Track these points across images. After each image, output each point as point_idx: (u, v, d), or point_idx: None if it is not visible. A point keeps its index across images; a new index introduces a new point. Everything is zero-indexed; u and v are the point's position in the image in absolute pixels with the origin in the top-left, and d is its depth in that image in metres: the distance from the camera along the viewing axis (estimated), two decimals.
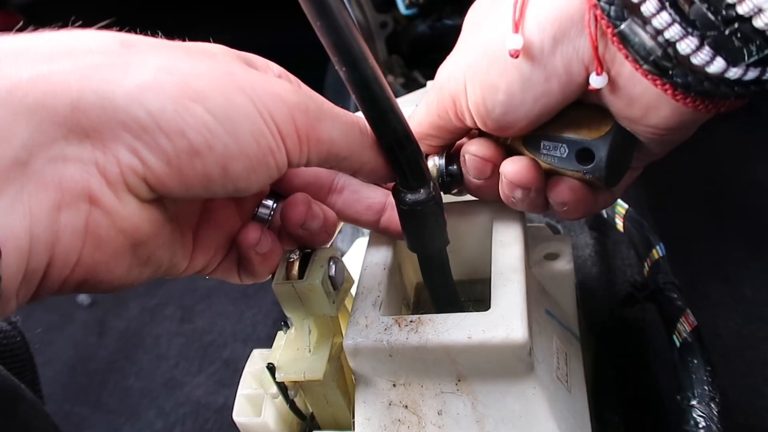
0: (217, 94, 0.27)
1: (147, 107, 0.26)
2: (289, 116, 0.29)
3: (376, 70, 0.29)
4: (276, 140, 0.29)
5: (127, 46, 0.27)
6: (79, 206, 0.26)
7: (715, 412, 0.40)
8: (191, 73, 0.27)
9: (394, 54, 0.94)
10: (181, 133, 0.26)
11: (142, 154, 0.26)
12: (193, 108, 0.26)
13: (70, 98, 0.25)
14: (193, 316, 1.13)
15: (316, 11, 0.27)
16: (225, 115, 0.27)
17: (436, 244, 0.37)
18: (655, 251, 0.51)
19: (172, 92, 0.26)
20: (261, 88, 0.28)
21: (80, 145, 0.25)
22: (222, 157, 0.27)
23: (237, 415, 0.43)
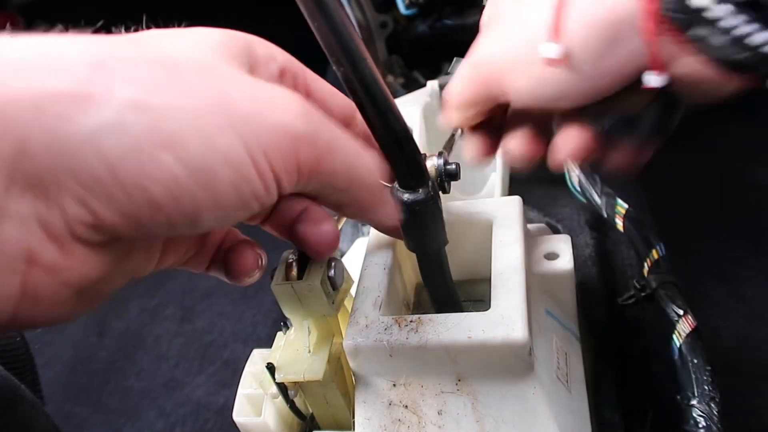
0: (195, 137, 0.23)
1: (103, 155, 0.21)
2: (291, 151, 0.25)
3: (374, 70, 0.29)
4: (265, 182, 0.25)
5: (96, 66, 0.22)
6: (15, 268, 0.22)
7: (715, 412, 0.40)
8: (168, 108, 0.23)
9: (394, 54, 0.94)
10: (141, 187, 0.22)
11: (92, 206, 0.22)
12: (160, 158, 0.22)
13: (17, 138, 0.20)
14: (193, 317, 1.13)
15: (313, 11, 0.26)
16: (199, 165, 0.23)
17: (435, 244, 0.37)
18: (655, 251, 0.51)
19: (137, 138, 0.22)
20: (260, 122, 0.25)
21: (21, 197, 0.21)
22: (190, 210, 0.24)
23: (237, 416, 0.43)
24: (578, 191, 0.56)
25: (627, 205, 0.53)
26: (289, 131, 0.25)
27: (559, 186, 0.72)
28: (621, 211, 0.53)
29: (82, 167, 0.21)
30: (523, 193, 0.46)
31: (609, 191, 0.54)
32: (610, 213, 0.53)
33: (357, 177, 0.30)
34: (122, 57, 0.24)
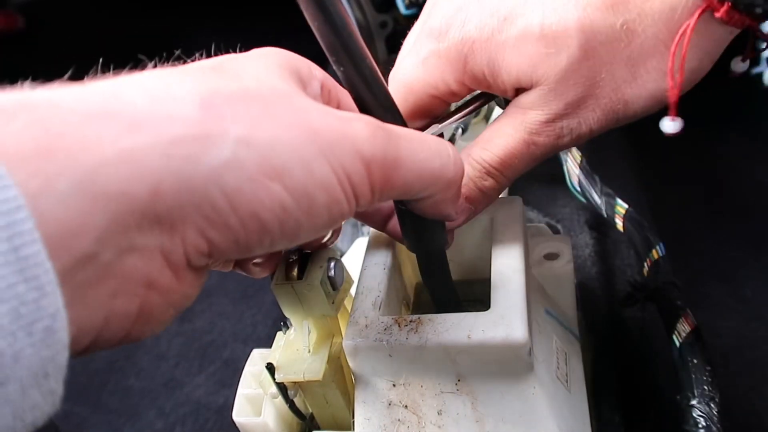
0: (298, 168, 0.25)
1: (223, 188, 0.23)
2: (365, 172, 0.27)
3: (375, 69, 0.29)
4: (349, 202, 0.27)
5: (206, 107, 0.24)
6: (136, 292, 0.24)
7: (715, 412, 0.40)
8: (272, 143, 0.25)
9: (394, 54, 0.94)
10: (255, 215, 0.24)
11: (210, 235, 0.24)
12: (271, 187, 0.24)
13: (150, 183, 0.22)
14: (193, 316, 1.12)
15: (314, 11, 0.26)
16: (303, 192, 0.25)
17: (436, 245, 0.37)
18: (655, 251, 0.51)
19: (251, 170, 0.24)
20: (339, 147, 0.26)
21: (150, 231, 0.23)
22: (292, 233, 0.26)
23: (237, 415, 0.43)
24: (578, 191, 0.56)
25: (627, 205, 0.53)
26: (362, 154, 0.27)
27: (559, 186, 0.72)
28: (621, 211, 0.53)
29: (205, 202, 0.23)
30: (523, 193, 0.46)
31: (609, 191, 0.54)
32: (610, 213, 0.53)
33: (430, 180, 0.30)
34: (222, 94, 0.25)
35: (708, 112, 1.10)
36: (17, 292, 0.19)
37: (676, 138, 0.34)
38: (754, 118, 1.10)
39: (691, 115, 0.33)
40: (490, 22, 0.34)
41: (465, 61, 0.35)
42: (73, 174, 0.21)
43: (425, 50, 0.37)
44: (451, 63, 0.35)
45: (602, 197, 0.54)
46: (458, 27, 0.35)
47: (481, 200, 0.38)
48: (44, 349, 0.20)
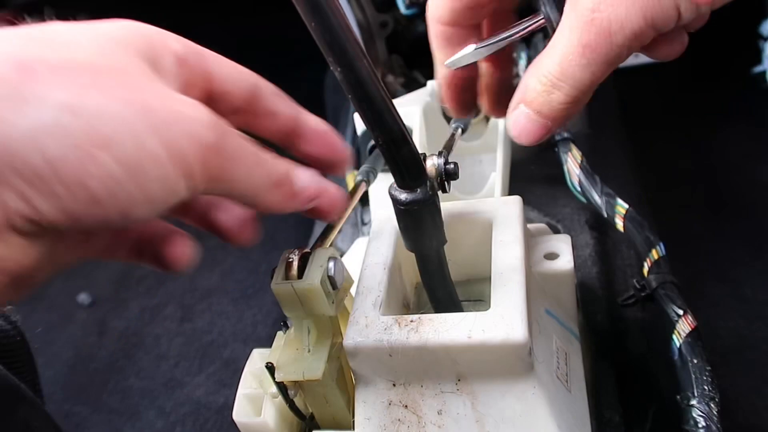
0: (127, 138, 0.25)
1: (45, 154, 0.23)
2: (201, 157, 0.27)
3: (372, 70, 0.29)
4: (185, 181, 0.27)
5: (25, 72, 0.24)
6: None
7: (715, 412, 0.40)
8: (100, 113, 0.25)
9: (395, 54, 0.94)
10: (82, 184, 0.24)
11: (33, 201, 0.24)
12: (99, 156, 0.24)
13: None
14: (193, 316, 1.13)
15: (310, 11, 0.26)
16: (133, 163, 0.25)
17: (434, 244, 0.37)
18: (655, 251, 0.51)
19: (77, 138, 0.24)
20: (176, 128, 0.27)
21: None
22: (124, 206, 0.26)
23: (237, 415, 0.43)
24: (578, 191, 0.56)
25: (627, 205, 0.53)
26: (199, 140, 0.27)
27: (559, 186, 0.72)
28: (621, 211, 0.53)
29: (24, 164, 0.23)
30: (523, 193, 0.46)
31: (609, 191, 0.54)
32: (610, 213, 0.53)
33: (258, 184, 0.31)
34: (46, 60, 0.25)
35: (708, 112, 1.11)
36: None
37: (676, 137, 0.34)
38: (755, 118, 1.10)
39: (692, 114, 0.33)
40: None
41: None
42: None
43: None
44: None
45: (602, 197, 0.54)
46: None
47: (556, 115, 0.36)
48: None
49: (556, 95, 0.35)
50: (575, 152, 0.58)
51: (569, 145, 0.59)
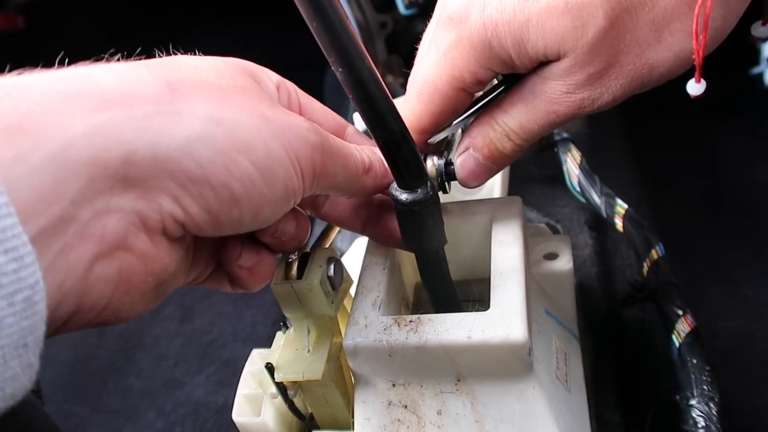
0: (259, 144, 0.28)
1: (198, 160, 0.26)
2: (311, 157, 0.31)
3: (373, 70, 0.29)
4: (299, 182, 0.30)
5: (173, 90, 0.27)
6: (115, 255, 0.26)
7: (715, 412, 0.40)
8: (236, 122, 0.28)
9: (394, 54, 0.94)
10: (227, 185, 0.27)
11: (184, 203, 0.27)
12: (239, 160, 0.27)
13: (123, 152, 0.24)
14: (192, 316, 1.12)
15: (312, 12, 0.26)
16: (266, 166, 0.28)
17: (434, 244, 0.37)
18: (654, 251, 0.51)
19: (221, 144, 0.27)
20: (290, 133, 0.30)
21: (124, 195, 0.25)
22: (257, 205, 0.29)
23: (236, 415, 0.43)
24: (578, 191, 0.56)
25: (626, 205, 0.53)
26: (308, 141, 0.31)
27: (558, 186, 0.72)
28: (620, 212, 0.53)
29: (180, 170, 0.26)
30: (522, 193, 0.46)
31: (608, 191, 0.54)
32: (610, 213, 0.53)
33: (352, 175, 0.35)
34: (186, 81, 0.28)
35: (708, 111, 1.11)
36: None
37: (676, 137, 0.35)
38: (755, 118, 1.10)
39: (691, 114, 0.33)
40: (511, 2, 0.33)
41: (490, 45, 0.34)
42: (44, 146, 0.22)
43: (446, 41, 0.35)
44: (476, 50, 0.34)
45: (602, 197, 0.54)
46: (478, 11, 0.34)
47: (501, 160, 0.39)
48: (24, 320, 0.21)
49: (508, 144, 0.38)
50: (575, 152, 0.58)
51: (569, 146, 0.59)
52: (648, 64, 0.33)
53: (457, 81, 0.36)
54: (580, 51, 0.32)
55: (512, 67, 0.35)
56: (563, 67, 0.33)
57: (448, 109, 0.37)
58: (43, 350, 0.23)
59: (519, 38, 0.33)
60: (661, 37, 0.32)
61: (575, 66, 0.33)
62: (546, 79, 0.35)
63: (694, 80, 0.32)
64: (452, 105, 0.37)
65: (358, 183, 0.35)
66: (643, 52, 0.33)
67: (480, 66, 0.35)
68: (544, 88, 0.35)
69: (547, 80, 0.34)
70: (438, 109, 0.37)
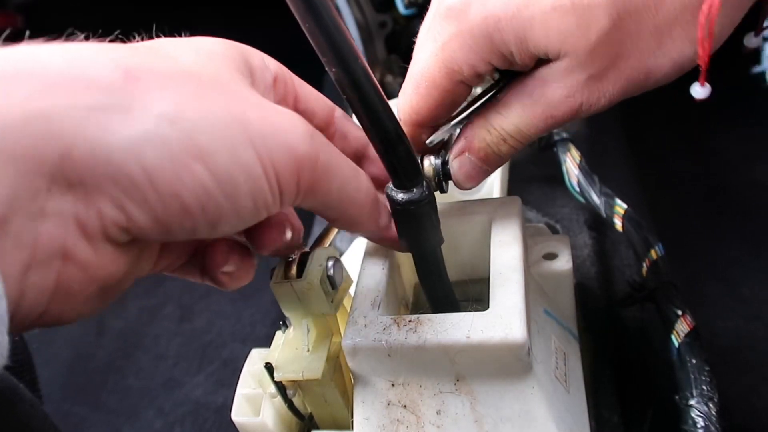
0: (223, 150, 0.25)
1: (143, 163, 0.23)
2: (295, 171, 0.27)
3: (367, 69, 0.29)
4: (274, 194, 0.27)
5: (131, 79, 0.24)
6: (51, 264, 0.23)
7: (714, 412, 0.40)
8: (198, 123, 0.25)
9: (393, 54, 0.94)
10: (176, 195, 0.24)
11: (128, 209, 0.24)
12: (194, 168, 0.24)
13: (61, 146, 0.22)
14: (191, 316, 1.12)
15: (304, 12, 0.26)
16: (227, 176, 0.25)
17: (430, 244, 0.37)
18: (653, 251, 0.51)
19: (174, 148, 0.24)
20: (273, 140, 0.27)
21: (62, 197, 0.23)
22: (214, 217, 0.26)
23: (236, 415, 0.43)
24: (577, 191, 0.56)
25: (626, 206, 0.53)
26: (294, 152, 0.27)
27: (557, 186, 0.72)
28: (620, 212, 0.53)
29: (122, 174, 0.23)
30: (522, 193, 0.46)
31: (608, 191, 0.54)
32: (609, 213, 0.53)
33: (347, 198, 0.32)
34: (151, 69, 0.25)
35: (708, 111, 1.11)
36: None
37: (675, 137, 0.35)
38: (755, 118, 1.10)
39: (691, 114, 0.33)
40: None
41: (491, 39, 0.33)
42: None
43: (445, 33, 0.35)
44: (477, 43, 0.34)
45: (601, 197, 0.54)
46: (480, 4, 0.33)
47: (496, 162, 0.39)
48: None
49: (504, 147, 0.37)
50: (574, 152, 0.58)
51: (568, 145, 0.59)
52: (646, 69, 0.33)
53: (456, 74, 0.35)
54: (581, 51, 0.32)
55: (511, 62, 0.35)
56: (563, 67, 0.33)
57: (446, 102, 0.37)
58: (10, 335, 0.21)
59: (522, 34, 0.33)
60: (661, 42, 0.32)
61: (575, 67, 0.33)
62: (545, 81, 0.34)
63: (699, 84, 0.32)
64: (450, 98, 0.37)
65: (356, 213, 0.33)
66: (642, 57, 0.33)
67: (479, 59, 0.35)
68: (543, 91, 0.35)
69: (547, 82, 0.34)
70: (436, 102, 0.37)
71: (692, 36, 0.31)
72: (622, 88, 0.34)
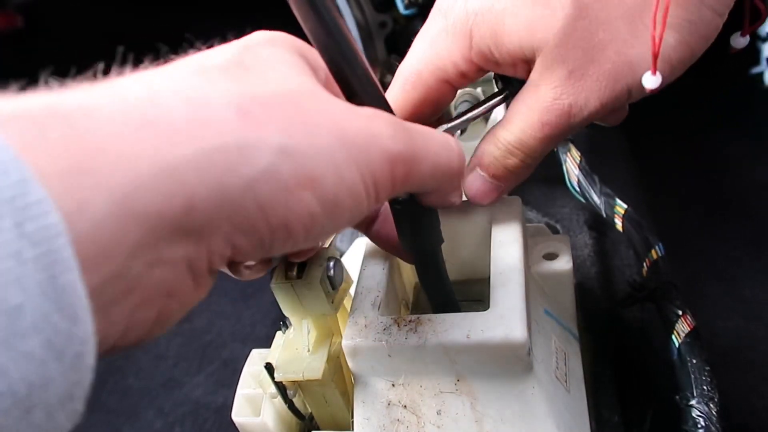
0: (330, 175, 0.24)
1: (258, 199, 0.23)
2: (389, 171, 0.27)
3: (368, 69, 0.29)
4: (369, 202, 0.27)
5: (243, 114, 0.23)
6: (156, 302, 0.23)
7: (714, 412, 0.40)
8: (308, 150, 0.24)
9: (394, 54, 0.94)
10: (285, 224, 0.24)
11: (236, 242, 0.24)
12: (303, 197, 0.24)
13: (186, 197, 0.21)
14: (191, 316, 1.12)
15: (305, 13, 0.26)
16: (333, 199, 0.25)
17: (431, 244, 0.37)
18: (654, 251, 0.51)
19: (287, 180, 0.23)
20: (369, 151, 0.26)
21: (179, 245, 0.22)
22: (315, 236, 0.26)
23: (236, 415, 0.43)
24: (577, 191, 0.56)
25: (626, 205, 0.53)
26: (388, 154, 0.26)
27: (558, 186, 0.72)
28: (620, 212, 0.53)
29: (239, 212, 0.23)
30: (522, 193, 0.46)
31: (608, 191, 0.54)
32: (609, 213, 0.53)
33: (441, 172, 0.30)
34: (257, 99, 0.24)
35: (708, 111, 1.11)
36: (52, 322, 0.18)
37: (675, 137, 0.34)
38: (754, 118, 1.10)
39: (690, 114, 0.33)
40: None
41: (470, 35, 0.33)
42: (110, 193, 0.20)
43: (434, 29, 0.35)
44: (457, 39, 0.34)
45: (601, 197, 0.54)
46: (463, 0, 0.34)
47: (508, 177, 0.38)
48: (72, 375, 0.19)
49: (511, 161, 0.37)
50: (574, 152, 0.58)
51: (568, 145, 0.59)
52: (628, 61, 0.32)
53: (440, 71, 0.35)
54: (552, 42, 0.32)
55: (494, 62, 0.35)
56: (542, 63, 0.33)
57: (429, 100, 0.37)
58: None
59: (495, 29, 0.33)
60: (636, 31, 0.31)
61: (552, 62, 0.33)
62: (536, 85, 0.34)
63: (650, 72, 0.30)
64: (434, 96, 0.37)
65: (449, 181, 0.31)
66: (620, 49, 0.32)
67: (462, 57, 0.35)
68: (536, 97, 0.35)
69: (537, 86, 0.34)
70: (419, 100, 0.37)
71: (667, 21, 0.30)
72: (610, 87, 0.33)
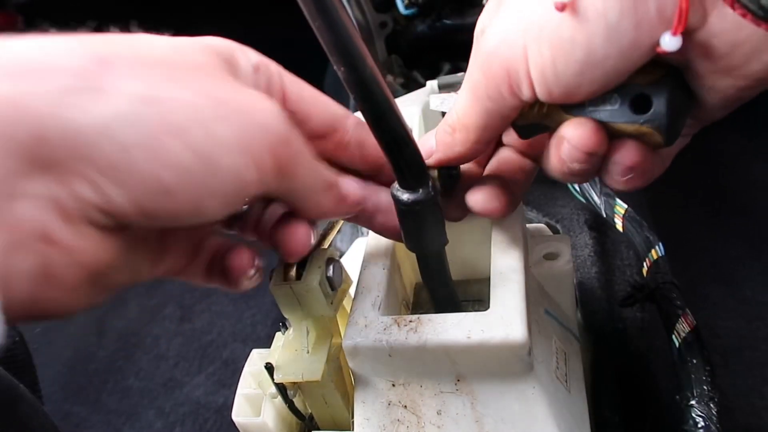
0: (198, 127, 0.25)
1: (119, 142, 0.23)
2: (272, 148, 0.28)
3: (375, 70, 0.29)
4: (255, 173, 0.27)
5: (102, 65, 0.25)
6: (31, 246, 0.23)
7: (714, 412, 0.40)
8: (172, 102, 0.25)
9: (394, 54, 0.94)
10: (154, 174, 0.24)
11: (106, 191, 0.24)
12: (170, 144, 0.24)
13: (35, 127, 0.22)
14: (192, 316, 1.13)
15: (315, 10, 0.26)
16: (203, 151, 0.25)
17: (435, 244, 0.37)
18: (654, 251, 0.51)
19: (149, 126, 0.24)
20: (246, 117, 0.27)
21: (40, 179, 0.23)
22: (196, 196, 0.26)
23: (236, 415, 0.43)
24: (577, 191, 0.56)
25: (626, 206, 0.53)
26: (270, 130, 0.28)
27: (558, 186, 0.72)
28: (620, 211, 0.53)
29: (98, 154, 0.23)
30: None
31: (608, 191, 0.54)
32: (610, 213, 0.53)
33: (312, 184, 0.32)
34: (125, 57, 0.26)
35: None
36: None
37: None
38: (753, 118, 1.09)
39: None
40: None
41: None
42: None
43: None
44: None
45: (601, 197, 0.54)
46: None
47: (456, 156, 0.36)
48: None
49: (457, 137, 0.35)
50: None
51: None
52: None
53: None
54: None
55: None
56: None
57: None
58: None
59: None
60: None
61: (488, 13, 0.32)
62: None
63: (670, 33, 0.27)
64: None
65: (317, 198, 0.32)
66: None
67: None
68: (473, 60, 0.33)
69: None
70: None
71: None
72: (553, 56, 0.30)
